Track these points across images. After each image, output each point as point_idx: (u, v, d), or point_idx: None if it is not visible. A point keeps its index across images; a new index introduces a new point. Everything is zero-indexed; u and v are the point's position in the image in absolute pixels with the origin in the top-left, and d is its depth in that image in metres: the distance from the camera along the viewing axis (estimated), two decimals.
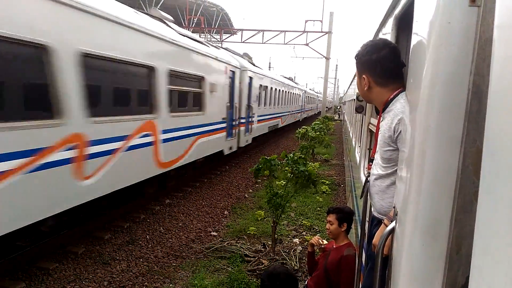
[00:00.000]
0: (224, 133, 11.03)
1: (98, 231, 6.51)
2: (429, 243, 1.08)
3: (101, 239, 6.23)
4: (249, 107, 13.62)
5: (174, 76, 7.52)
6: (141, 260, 5.62)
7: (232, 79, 11.58)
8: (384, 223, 1.82)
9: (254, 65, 16.13)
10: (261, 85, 15.59)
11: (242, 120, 13.00)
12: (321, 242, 3.22)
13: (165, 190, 8.98)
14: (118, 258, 5.62)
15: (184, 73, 8.04)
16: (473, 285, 1.01)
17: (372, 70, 1.90)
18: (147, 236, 6.39)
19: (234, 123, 11.96)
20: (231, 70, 11.38)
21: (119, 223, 6.97)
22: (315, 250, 3.34)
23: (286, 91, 23.50)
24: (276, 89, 19.66)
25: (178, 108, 7.91)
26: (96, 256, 5.61)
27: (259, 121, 15.72)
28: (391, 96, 1.88)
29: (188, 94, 8.48)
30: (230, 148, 11.91)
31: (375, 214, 2.15)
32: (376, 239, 1.87)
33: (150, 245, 6.12)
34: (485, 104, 0.97)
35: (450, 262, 1.03)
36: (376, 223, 2.16)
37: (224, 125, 10.87)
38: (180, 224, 7.18)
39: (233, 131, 11.99)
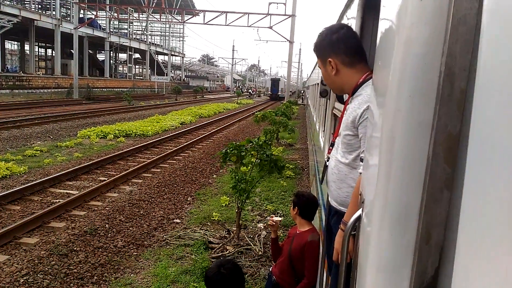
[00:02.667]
0: None
1: (53, 221, 6.22)
2: (398, 232, 1.04)
3: (57, 229, 5.96)
4: None
5: None
6: (100, 250, 5.42)
7: None
8: (340, 228, 1.76)
9: None
10: None
11: None
12: (273, 220, 3.20)
13: (123, 176, 8.72)
14: (75, 248, 5.39)
15: None
16: (443, 276, 0.98)
17: (337, 50, 1.84)
18: (107, 225, 6.17)
19: None
20: None
21: (76, 212, 6.70)
22: (278, 236, 3.31)
23: None
24: None
25: None
26: (52, 247, 5.35)
27: None
28: (361, 80, 1.82)
29: None
30: None
31: (332, 203, 2.08)
32: (337, 245, 1.77)
33: (109, 235, 5.91)
34: (458, 87, 0.92)
35: (419, 252, 0.99)
36: (333, 213, 2.11)
37: None
38: (142, 212, 6.99)
39: None
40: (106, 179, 8.69)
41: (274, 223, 3.20)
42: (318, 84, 5.35)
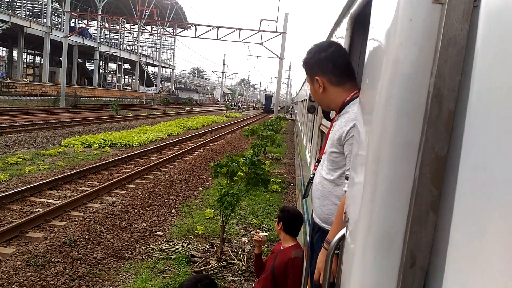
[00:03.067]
0: None
1: (31, 230, 6.05)
2: (382, 255, 1.01)
3: (35, 239, 5.79)
4: None
5: None
6: (79, 262, 5.26)
7: None
8: (324, 247, 1.72)
9: None
10: None
11: None
12: (259, 236, 3.15)
13: (107, 186, 8.57)
14: (53, 260, 5.22)
15: None
16: None
17: (324, 69, 1.82)
18: (87, 237, 6.01)
19: None
20: None
21: (56, 222, 6.52)
22: (262, 252, 3.26)
23: None
24: None
25: None
26: (29, 258, 5.18)
27: None
28: (348, 98, 1.81)
29: None
30: None
31: (316, 220, 2.06)
32: (320, 264, 1.71)
33: (89, 246, 5.76)
34: (446, 109, 0.91)
35: (403, 276, 0.96)
36: (317, 230, 2.08)
37: None
38: (124, 223, 6.84)
39: None
40: (89, 189, 8.52)
41: (260, 239, 3.15)
42: (306, 100, 5.36)
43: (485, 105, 0.74)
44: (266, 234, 3.28)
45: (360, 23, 2.11)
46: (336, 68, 1.80)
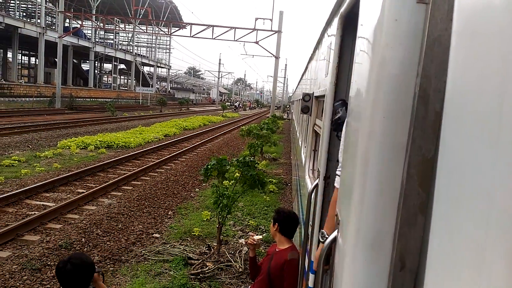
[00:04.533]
0: None
1: (27, 234, 6.01)
2: (372, 258, 1.00)
3: (31, 242, 5.76)
4: None
5: None
6: None
7: None
8: (319, 239, 1.81)
9: None
10: None
11: None
12: (254, 239, 3.13)
13: (103, 188, 8.54)
14: (49, 263, 5.19)
15: None
16: None
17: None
18: (83, 239, 5.98)
19: None
20: None
21: (52, 225, 6.49)
22: (256, 255, 3.24)
23: None
24: None
25: None
26: (25, 261, 5.15)
27: None
28: None
29: None
30: None
31: None
32: (317, 253, 1.85)
33: (85, 249, 5.73)
34: (433, 110, 0.90)
35: (393, 279, 0.95)
36: None
37: None
38: (120, 225, 6.81)
39: None
40: (85, 191, 8.49)
41: (254, 242, 3.13)
42: (300, 100, 5.34)
43: (473, 105, 0.73)
44: (261, 237, 3.27)
45: (350, 22, 2.10)
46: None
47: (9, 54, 47.52)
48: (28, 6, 51.63)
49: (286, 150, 18.23)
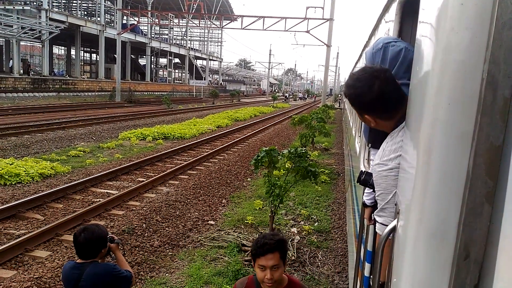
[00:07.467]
0: None
1: (94, 219, 6.46)
2: (434, 248, 0.99)
3: None
4: None
5: None
6: (137, 249, 5.56)
7: None
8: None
9: None
10: None
11: None
12: None
13: (161, 177, 8.92)
14: None
15: None
16: None
17: (372, 111, 1.69)
18: (144, 225, 6.33)
19: None
20: None
21: (115, 211, 6.92)
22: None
23: None
24: None
25: None
26: None
27: None
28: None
29: None
30: None
31: None
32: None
33: (146, 234, 6.06)
34: (501, 96, 0.87)
35: (457, 269, 0.94)
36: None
37: None
38: (177, 212, 7.12)
39: None
40: (145, 180, 8.94)
41: None
42: None
43: None
44: None
45: (410, 7, 2.03)
46: (386, 107, 1.65)
47: (72, 52, 50.74)
48: (89, 5, 54.63)
49: (338, 140, 17.94)
